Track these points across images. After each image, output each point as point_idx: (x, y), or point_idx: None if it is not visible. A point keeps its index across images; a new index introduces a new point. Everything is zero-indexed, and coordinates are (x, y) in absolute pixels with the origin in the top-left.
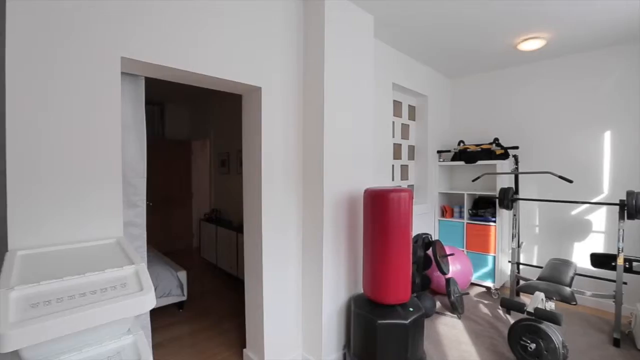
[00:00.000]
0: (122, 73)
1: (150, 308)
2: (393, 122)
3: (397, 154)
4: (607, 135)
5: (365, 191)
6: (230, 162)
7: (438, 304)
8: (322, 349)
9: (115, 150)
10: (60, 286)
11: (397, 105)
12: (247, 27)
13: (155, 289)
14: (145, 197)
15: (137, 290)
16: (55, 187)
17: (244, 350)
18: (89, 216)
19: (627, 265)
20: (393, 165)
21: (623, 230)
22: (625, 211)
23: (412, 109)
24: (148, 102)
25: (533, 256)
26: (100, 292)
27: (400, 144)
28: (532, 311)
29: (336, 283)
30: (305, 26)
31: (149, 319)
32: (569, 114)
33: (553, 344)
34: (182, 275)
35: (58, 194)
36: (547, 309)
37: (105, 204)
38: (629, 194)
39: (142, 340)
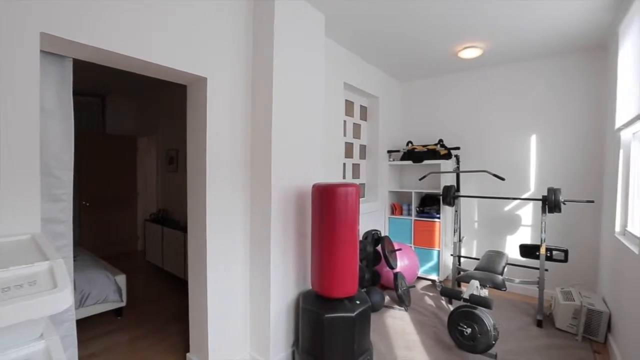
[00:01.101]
0: (43, 52)
1: (65, 307)
2: (345, 121)
3: (349, 153)
4: (533, 139)
5: (314, 186)
6: (179, 160)
7: (387, 298)
8: (270, 347)
9: (32, 137)
10: None
11: (349, 104)
12: (194, 15)
13: (88, 295)
14: (71, 191)
15: (48, 289)
16: None
17: (187, 354)
18: None
19: (548, 254)
20: (345, 164)
21: (545, 222)
22: (547, 206)
23: (364, 109)
24: (86, 93)
25: (473, 249)
26: (1, 292)
27: (352, 143)
28: (468, 297)
29: (284, 280)
30: (255, 19)
31: (74, 325)
32: (503, 118)
33: (485, 327)
34: (121, 279)
35: None
36: (482, 295)
37: (18, 197)
38: (550, 190)
39: (56, 346)
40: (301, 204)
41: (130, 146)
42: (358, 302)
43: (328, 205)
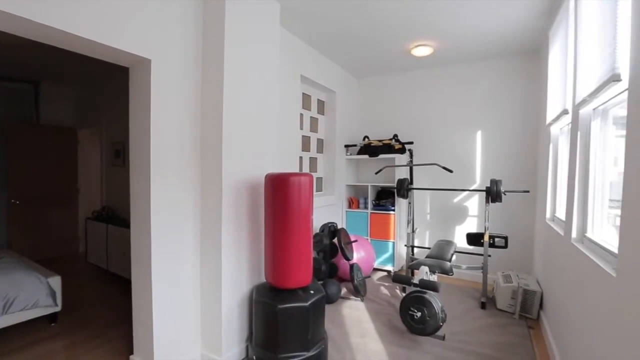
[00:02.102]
0: None
1: None
2: (302, 115)
3: (305, 146)
4: (479, 134)
5: (266, 176)
6: (125, 153)
7: (344, 289)
8: (222, 344)
9: None
10: None
11: (306, 98)
12: None
13: (13, 301)
14: None
15: None
16: None
17: (131, 356)
18: None
19: (491, 241)
20: (302, 157)
21: (488, 212)
22: (489, 196)
23: (321, 103)
24: (15, 79)
25: (425, 239)
26: None
27: (310, 137)
28: (418, 282)
29: (237, 274)
30: (206, 1)
31: None
32: (452, 115)
33: (434, 310)
34: (55, 281)
35: None
36: (430, 280)
37: None
38: (492, 181)
39: None
40: (255, 196)
41: (69, 139)
42: (312, 292)
43: (281, 195)
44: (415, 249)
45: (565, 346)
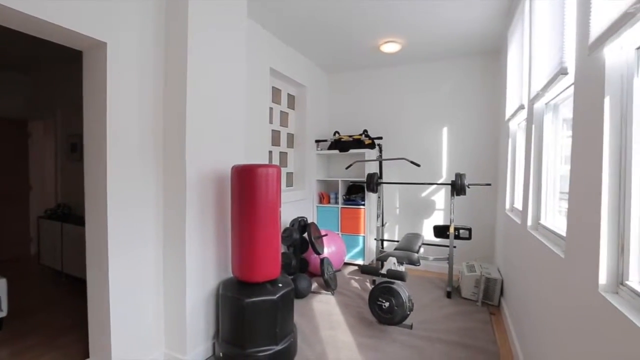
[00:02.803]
0: None
1: None
2: (272, 109)
3: (275, 141)
4: (445, 130)
5: (233, 167)
6: (83, 147)
7: (315, 284)
8: (187, 342)
9: None
10: None
11: (276, 92)
12: None
13: None
14: None
15: None
16: None
17: None
18: None
19: (456, 233)
20: (271, 152)
21: (454, 204)
22: (454, 189)
23: (291, 97)
24: None
25: (395, 233)
26: None
27: (280, 131)
28: (385, 272)
29: (203, 269)
30: None
31: None
32: (420, 111)
33: (401, 299)
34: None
35: None
36: (397, 270)
37: None
38: (457, 175)
39: None
40: (222, 189)
41: (18, 131)
42: (281, 285)
43: (247, 186)
44: (385, 243)
45: (522, 327)
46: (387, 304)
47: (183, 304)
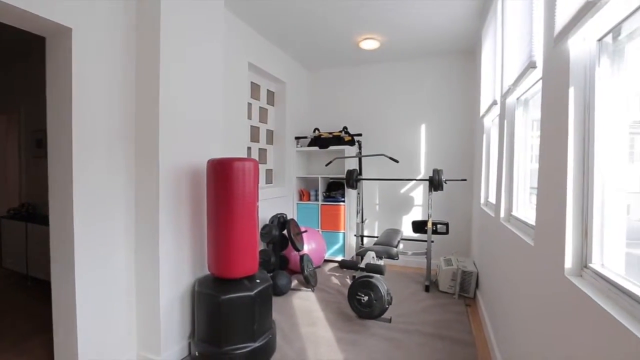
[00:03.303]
0: None
1: None
2: (251, 104)
3: (255, 137)
4: (423, 127)
5: (208, 162)
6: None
7: (295, 281)
8: (161, 342)
9: None
10: None
11: (255, 87)
12: None
13: None
14: None
15: None
16: None
17: None
18: None
19: (434, 228)
20: (250, 148)
21: (432, 200)
22: (432, 185)
23: (271, 94)
24: None
25: (375, 229)
26: None
27: (259, 127)
28: (364, 266)
29: (178, 266)
30: None
31: None
32: (398, 109)
33: (380, 293)
34: None
35: None
36: (375, 263)
37: None
38: (434, 171)
39: None
40: (198, 184)
41: None
42: (258, 281)
43: (224, 180)
44: (365, 239)
45: (495, 316)
46: (366, 298)
47: (157, 303)
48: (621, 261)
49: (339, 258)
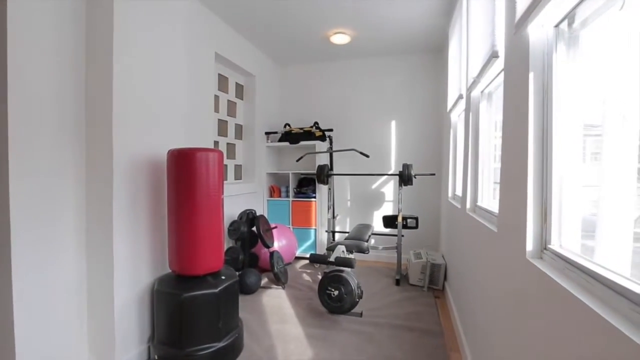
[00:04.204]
0: None
1: None
2: (218, 97)
3: (223, 131)
4: (393, 123)
5: (169, 152)
6: None
7: (265, 279)
8: (115, 348)
9: None
10: None
11: (223, 79)
12: None
13: None
14: None
15: None
16: None
17: None
18: None
19: (404, 223)
20: (218, 142)
21: (402, 195)
22: (402, 179)
23: (240, 87)
24: None
25: (347, 225)
26: None
27: (227, 121)
28: (334, 260)
29: (135, 265)
30: None
31: None
32: (369, 104)
33: (350, 287)
34: None
35: None
36: (345, 257)
37: None
38: (404, 166)
39: None
40: (158, 177)
41: None
42: (223, 277)
43: (186, 172)
44: (336, 235)
45: (461, 305)
46: (336, 292)
47: (111, 305)
48: (577, 244)
49: None
